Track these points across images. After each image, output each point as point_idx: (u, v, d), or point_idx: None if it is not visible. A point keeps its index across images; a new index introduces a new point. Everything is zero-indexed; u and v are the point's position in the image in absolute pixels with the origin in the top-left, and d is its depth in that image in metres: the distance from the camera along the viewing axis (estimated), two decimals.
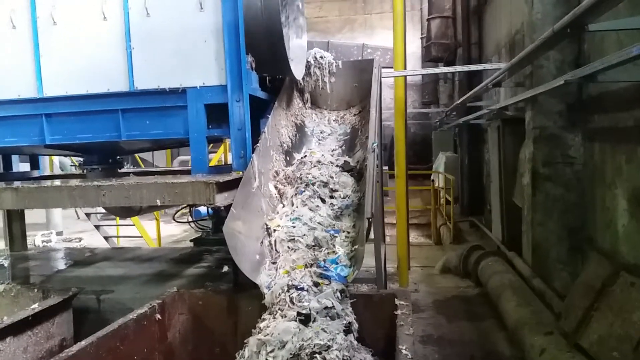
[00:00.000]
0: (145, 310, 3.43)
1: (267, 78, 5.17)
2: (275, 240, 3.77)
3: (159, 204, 3.58)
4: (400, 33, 5.88)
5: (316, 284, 3.34)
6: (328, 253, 3.60)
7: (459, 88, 12.38)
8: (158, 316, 3.54)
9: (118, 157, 5.38)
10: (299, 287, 3.30)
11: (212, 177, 3.69)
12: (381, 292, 3.61)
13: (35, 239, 9.91)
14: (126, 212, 5.54)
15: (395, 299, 3.39)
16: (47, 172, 7.84)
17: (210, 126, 4.25)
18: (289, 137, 4.92)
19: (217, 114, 4.18)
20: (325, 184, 4.16)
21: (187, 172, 4.48)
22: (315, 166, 4.37)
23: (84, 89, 4.39)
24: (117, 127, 4.36)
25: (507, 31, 8.05)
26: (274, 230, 3.86)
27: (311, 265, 3.49)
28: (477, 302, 5.59)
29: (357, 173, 4.36)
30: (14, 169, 6.25)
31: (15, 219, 6.32)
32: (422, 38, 15.79)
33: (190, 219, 7.65)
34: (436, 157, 15.15)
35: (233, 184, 3.70)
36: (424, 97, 18.22)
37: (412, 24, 17.96)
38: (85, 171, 5.22)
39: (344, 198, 4.10)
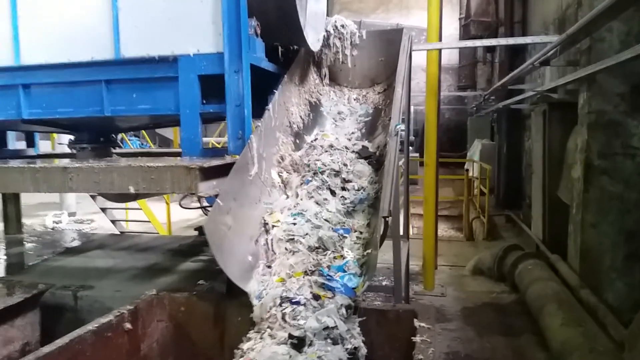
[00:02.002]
0: (109, 319, 2.85)
1: (280, 49, 4.53)
2: (272, 239, 3.14)
3: (132, 191, 2.99)
4: (435, 1, 5.11)
5: (316, 297, 2.70)
6: (334, 257, 2.95)
7: (499, 70, 11.47)
8: (127, 325, 2.96)
9: (112, 135, 4.84)
10: (294, 300, 2.67)
11: (197, 161, 3.07)
12: (398, 308, 2.94)
13: (46, 219, 9.58)
14: (120, 196, 4.99)
15: (415, 319, 2.74)
16: (50, 151, 7.41)
17: (205, 102, 3.64)
18: (300, 117, 4.26)
19: (215, 88, 3.55)
20: (337, 173, 3.50)
21: None
22: (326, 151, 3.71)
23: (66, 57, 3.83)
24: (101, 100, 3.79)
25: (556, 6, 7.16)
26: (273, 227, 3.23)
27: (312, 273, 2.85)
28: (513, 311, 4.87)
29: (376, 161, 3.68)
30: (10, 147, 5.80)
31: (10, 200, 5.87)
32: (460, 18, 14.83)
33: (204, 203, 7.10)
34: (471, 144, 14.28)
35: (224, 170, 3.07)
36: (461, 81, 17.27)
37: (450, 5, 16.95)
38: (75, 151, 4.68)
39: (358, 190, 3.43)
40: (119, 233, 7.82)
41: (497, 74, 11.94)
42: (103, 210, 7.57)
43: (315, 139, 3.98)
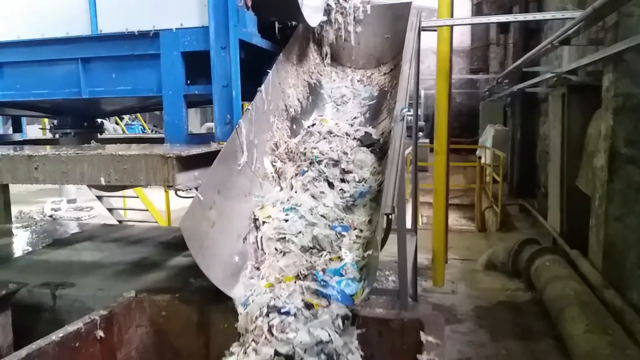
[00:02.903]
0: (77, 327, 2.53)
1: (276, 25, 4.14)
2: (262, 237, 2.79)
3: (102, 182, 2.65)
4: None
5: (308, 306, 2.35)
6: (330, 259, 2.60)
7: (513, 52, 10.99)
8: (100, 333, 2.64)
9: (97, 119, 4.50)
10: (282, 310, 2.32)
11: (176, 149, 2.72)
12: (403, 317, 2.59)
13: (44, 206, 9.32)
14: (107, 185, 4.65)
15: (421, 332, 2.39)
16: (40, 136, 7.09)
17: (190, 82, 3.28)
18: (298, 99, 3.89)
19: (201, 67, 3.19)
20: (336, 163, 3.13)
21: None
22: (324, 138, 3.33)
23: (40, 33, 3.49)
24: (77, 81, 3.44)
25: None
26: (264, 223, 2.88)
27: (305, 277, 2.50)
28: (530, 311, 4.51)
29: (380, 149, 3.30)
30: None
31: None
32: None
33: None
34: (483, 130, 13.82)
35: (208, 159, 2.71)
36: (473, 64, 16.72)
37: None
38: (58, 136, 4.34)
39: (359, 182, 3.06)
40: (116, 222, 7.54)
41: (510, 56, 11.45)
42: (99, 198, 7.28)
43: (313, 125, 3.60)
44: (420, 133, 19.65)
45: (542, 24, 9.60)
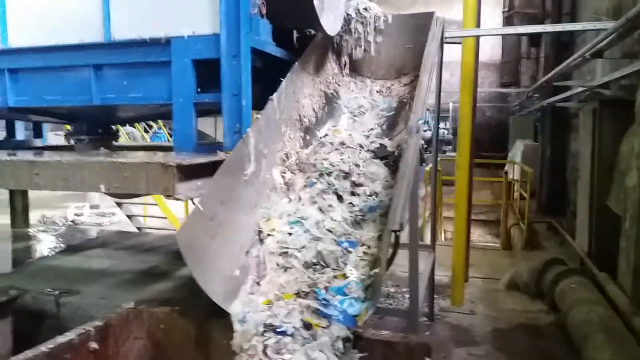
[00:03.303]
0: (70, 338, 2.46)
1: (295, 34, 4.07)
2: (265, 251, 2.69)
3: (103, 190, 2.59)
4: None
5: (307, 326, 2.24)
6: (334, 277, 2.47)
7: (544, 66, 10.70)
8: (94, 345, 2.56)
9: (112, 126, 4.50)
10: (279, 329, 2.21)
11: (179, 158, 2.64)
12: (409, 341, 2.44)
13: (67, 211, 9.43)
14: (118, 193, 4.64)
15: (426, 358, 2.24)
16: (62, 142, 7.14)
17: (200, 90, 3.22)
18: (313, 110, 3.79)
19: (212, 75, 3.13)
20: (347, 175, 3.01)
21: None
22: (336, 149, 3.22)
23: (54, 40, 3.49)
24: (89, 88, 3.42)
25: None
26: (268, 236, 2.78)
27: (305, 295, 2.38)
28: (551, 335, 4.28)
29: (394, 162, 3.17)
30: (18, 137, 5.56)
31: (17, 191, 5.62)
32: (503, 12, 14.03)
33: None
34: (513, 145, 13.49)
35: (212, 169, 2.63)
36: (503, 78, 16.41)
37: None
38: (73, 142, 4.34)
39: (370, 196, 2.93)
40: (135, 229, 7.55)
41: (542, 71, 11.16)
42: (119, 205, 7.30)
43: (326, 135, 3.49)
44: (449, 146, 19.37)
45: (575, 37, 9.33)
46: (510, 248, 8.01)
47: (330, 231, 2.69)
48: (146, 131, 18.95)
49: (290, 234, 2.65)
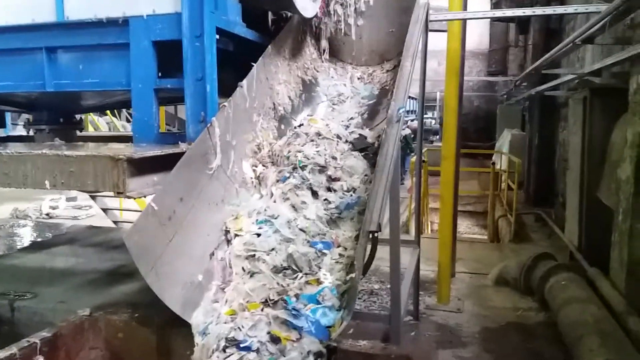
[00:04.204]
0: (11, 352, 2.20)
1: (270, 17, 3.79)
2: (231, 254, 2.43)
3: (47, 187, 2.31)
4: None
5: (275, 340, 1.99)
6: (306, 282, 2.22)
7: (532, 54, 10.48)
8: (39, 359, 2.31)
9: (75, 115, 4.19)
10: (242, 344, 1.96)
11: (132, 150, 2.37)
12: (389, 353, 2.20)
13: (42, 204, 9.07)
14: None
15: None
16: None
17: (162, 75, 2.93)
18: (289, 97, 3.52)
19: (176, 58, 2.84)
20: (322, 169, 2.75)
21: None
22: (311, 141, 2.96)
23: (4, 19, 3.18)
24: (42, 73, 3.11)
25: None
26: (235, 236, 2.52)
27: (274, 304, 2.13)
28: (542, 335, 4.07)
29: (375, 154, 2.92)
30: None
31: None
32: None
33: None
34: (500, 134, 13.31)
35: (172, 162, 2.35)
36: (491, 66, 16.22)
37: None
38: (33, 132, 4.02)
39: (347, 192, 2.68)
40: (111, 223, 7.24)
41: (530, 59, 10.95)
42: (92, 197, 6.98)
43: (301, 125, 3.23)
44: (437, 136, 19.18)
45: (564, 23, 9.13)
46: (498, 241, 7.83)
47: (304, 231, 2.44)
48: (128, 121, 18.40)
49: (258, 234, 2.40)
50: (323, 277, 2.22)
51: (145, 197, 2.41)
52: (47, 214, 8.83)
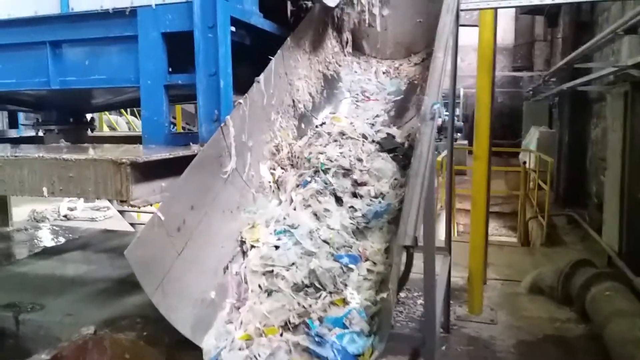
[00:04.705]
0: None
1: (289, 6, 3.53)
2: (247, 268, 2.18)
3: (45, 194, 2.09)
4: None
5: None
6: (331, 302, 1.96)
7: (562, 48, 10.06)
8: None
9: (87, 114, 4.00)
10: None
11: (146, 152, 2.14)
12: None
13: (60, 205, 8.97)
14: None
15: None
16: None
17: (174, 70, 2.70)
18: (309, 93, 3.26)
19: (188, 52, 2.60)
20: (347, 172, 2.49)
21: None
22: (335, 141, 2.70)
23: (6, 12, 2.98)
24: (46, 69, 2.91)
25: None
26: (252, 247, 2.27)
27: (294, 328, 1.87)
28: (584, 349, 3.76)
29: (405, 155, 2.64)
30: None
31: None
32: None
33: None
34: (526, 132, 12.87)
35: (183, 166, 2.11)
36: (516, 62, 15.76)
37: None
38: (42, 133, 3.83)
39: (375, 197, 2.41)
40: (128, 225, 7.07)
41: (559, 53, 10.52)
42: (110, 200, 6.82)
43: (323, 124, 2.97)
44: (459, 134, 18.73)
45: (597, 16, 8.71)
46: (529, 244, 7.46)
47: (327, 242, 2.17)
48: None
49: (276, 247, 2.14)
50: (350, 296, 1.95)
51: (152, 205, 2.17)
52: (65, 216, 8.71)
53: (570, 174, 9.25)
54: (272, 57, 2.87)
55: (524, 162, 8.55)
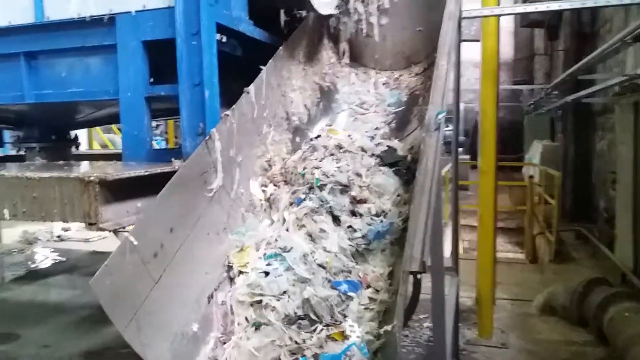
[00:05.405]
0: None
1: (282, 16, 3.34)
2: (233, 297, 1.95)
3: (6, 217, 1.87)
4: None
5: None
6: (328, 336, 1.72)
7: (564, 60, 9.90)
8: None
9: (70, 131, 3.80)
10: None
11: (120, 169, 1.92)
12: None
13: (53, 226, 8.72)
14: None
15: None
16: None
17: (155, 81, 2.50)
18: (304, 105, 3.06)
19: (171, 62, 2.41)
20: (345, 189, 2.26)
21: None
22: (331, 154, 2.48)
23: None
24: (20, 82, 2.71)
25: None
26: (240, 273, 2.04)
27: None
28: None
29: (407, 169, 2.42)
30: None
31: None
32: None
33: None
34: (528, 146, 12.68)
35: (159, 184, 1.89)
36: (516, 76, 15.62)
37: None
38: (24, 151, 3.63)
39: (376, 216, 2.18)
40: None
41: (560, 66, 10.35)
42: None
43: (318, 136, 2.76)
44: (460, 149, 18.56)
45: (598, 26, 8.58)
46: (537, 261, 7.20)
47: (323, 267, 1.94)
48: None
49: (266, 273, 1.91)
50: (349, 329, 1.72)
51: (124, 228, 1.95)
52: (59, 237, 8.46)
53: (576, 188, 9.03)
54: (263, 67, 2.68)
55: (531, 176, 8.31)
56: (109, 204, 1.79)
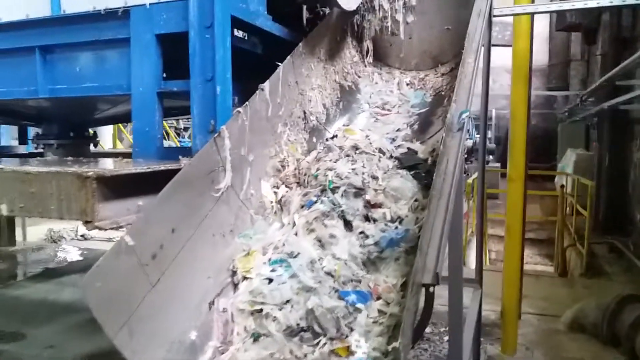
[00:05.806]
0: None
1: (305, 12, 3.24)
2: (235, 304, 1.84)
3: (3, 212, 1.80)
4: None
5: None
6: (332, 351, 1.60)
7: (601, 65, 9.55)
8: None
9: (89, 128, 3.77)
10: None
11: (126, 166, 1.84)
12: None
13: (78, 224, 8.82)
14: None
15: None
16: None
17: (168, 77, 2.43)
18: (323, 105, 2.95)
19: (185, 56, 2.33)
20: (359, 192, 2.14)
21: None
22: (347, 155, 2.36)
23: None
24: (34, 76, 2.68)
25: None
26: (244, 279, 1.93)
27: None
28: None
29: (428, 173, 2.28)
30: (3, 143, 4.97)
31: None
32: None
33: None
34: (562, 154, 12.30)
35: (164, 182, 1.80)
36: (550, 82, 15.20)
37: None
38: (42, 147, 3.61)
39: (391, 222, 2.05)
40: None
41: (597, 71, 9.99)
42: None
43: (334, 136, 2.64)
44: (491, 156, 18.13)
45: (638, 31, 8.25)
46: (567, 274, 6.92)
47: (331, 275, 1.82)
48: (178, 134, 17.98)
49: (270, 280, 1.80)
50: (355, 344, 1.59)
51: (122, 228, 1.87)
52: (82, 235, 8.53)
53: (610, 198, 8.67)
54: (280, 63, 2.58)
55: (562, 186, 8.02)
56: (107, 201, 1.71)
